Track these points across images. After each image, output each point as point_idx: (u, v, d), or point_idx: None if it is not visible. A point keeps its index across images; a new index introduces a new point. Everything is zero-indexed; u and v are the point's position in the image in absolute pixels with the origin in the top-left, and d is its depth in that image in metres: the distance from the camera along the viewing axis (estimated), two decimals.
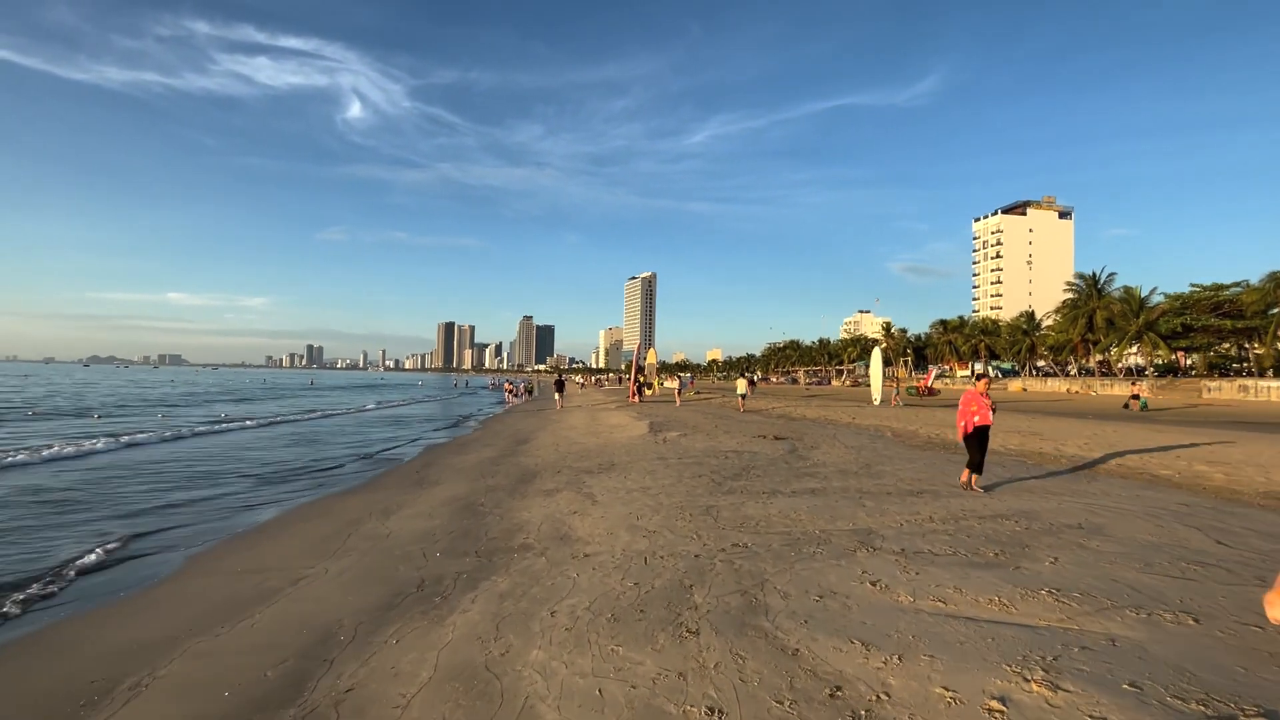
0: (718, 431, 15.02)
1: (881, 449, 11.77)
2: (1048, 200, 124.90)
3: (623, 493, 7.92)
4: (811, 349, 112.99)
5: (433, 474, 10.87)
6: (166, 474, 11.37)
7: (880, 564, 4.65)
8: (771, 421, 18.41)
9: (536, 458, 12.04)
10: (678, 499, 7.35)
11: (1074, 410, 25.36)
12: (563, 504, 7.49)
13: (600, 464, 10.56)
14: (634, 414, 21.17)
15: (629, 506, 7.08)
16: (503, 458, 12.42)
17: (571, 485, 8.71)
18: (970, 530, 5.60)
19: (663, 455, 11.18)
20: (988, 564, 4.60)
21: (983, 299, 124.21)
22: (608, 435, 15.25)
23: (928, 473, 8.92)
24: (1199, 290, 51.65)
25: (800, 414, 21.47)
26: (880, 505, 6.73)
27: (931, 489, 7.67)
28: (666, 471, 9.37)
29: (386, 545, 6.17)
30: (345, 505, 8.50)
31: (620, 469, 9.89)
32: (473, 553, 5.67)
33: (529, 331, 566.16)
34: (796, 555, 4.95)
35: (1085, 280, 58.44)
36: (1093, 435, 13.57)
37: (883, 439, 13.62)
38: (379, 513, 7.75)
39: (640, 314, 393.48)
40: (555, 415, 23.92)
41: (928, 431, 14.85)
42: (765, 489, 7.81)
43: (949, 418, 18.89)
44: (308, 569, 5.53)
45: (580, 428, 17.91)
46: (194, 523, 7.79)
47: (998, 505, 6.68)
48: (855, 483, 8.15)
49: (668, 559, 5.01)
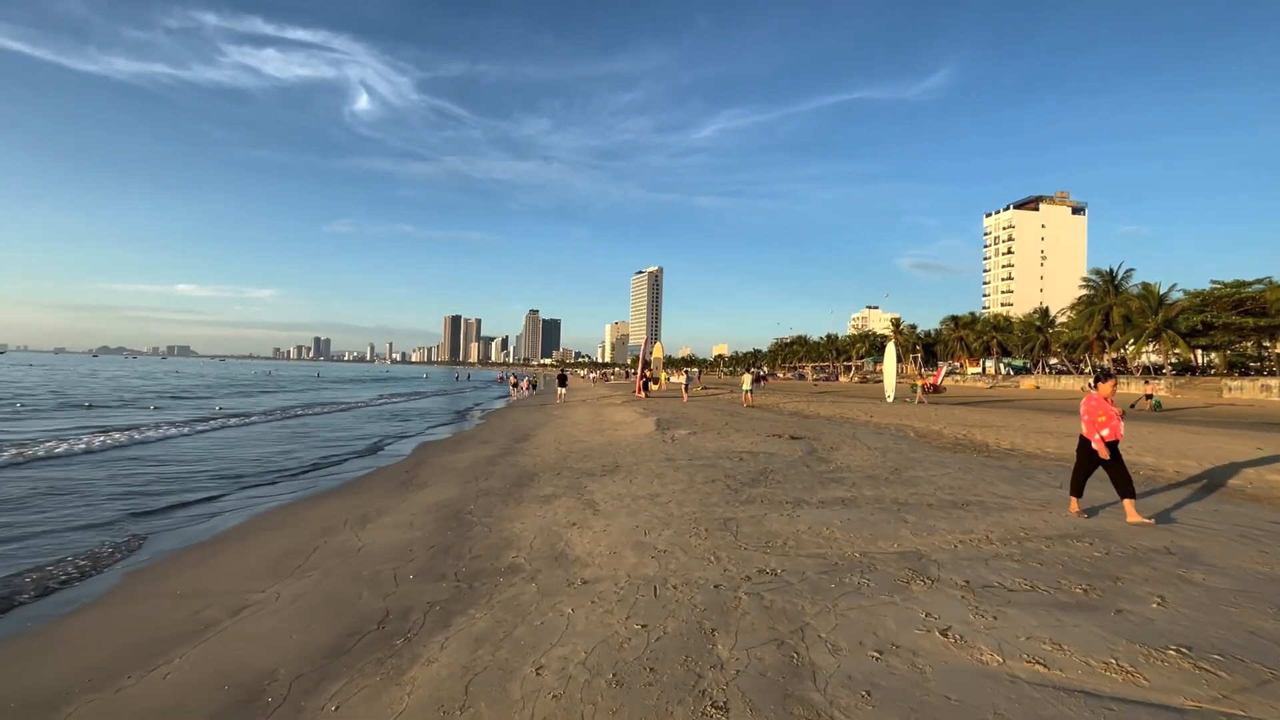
0: (729, 430, 14.14)
1: (908, 451, 10.87)
2: (1061, 196, 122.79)
3: (628, 500, 7.07)
4: (819, 345, 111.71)
5: (422, 475, 10.05)
6: (136, 475, 10.61)
7: (944, 602, 3.78)
8: (784, 419, 17.52)
9: (536, 457, 11.21)
10: (690, 509, 6.49)
11: None
12: (561, 513, 6.65)
13: (604, 465, 9.72)
14: (640, 410, 20.33)
15: (635, 518, 6.23)
16: (500, 457, 11.60)
17: (571, 490, 7.87)
18: (1040, 555, 4.72)
19: (671, 456, 10.32)
20: (1079, 604, 3.71)
21: (993, 295, 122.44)
22: (612, 433, 14.41)
23: (967, 480, 8.02)
24: (1220, 287, 50.25)
25: (814, 411, 20.56)
26: (924, 520, 5.85)
27: (977, 500, 6.77)
28: (676, 475, 8.51)
29: (354, 563, 5.34)
30: (321, 511, 7.69)
31: (625, 471, 9.05)
32: (452, 575, 4.84)
33: (535, 325, 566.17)
34: (838, 588, 4.09)
35: (1102, 276, 57.08)
36: (1134, 438, 12.60)
37: (906, 439, 12.71)
38: (355, 521, 6.93)
39: (647, 308, 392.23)
40: (558, 410, 23.11)
41: (953, 432, 13.92)
42: (788, 498, 6.95)
43: (971, 417, 17.94)
44: (256, 593, 4.72)
45: (584, 424, 17.08)
46: (149, 532, 7.00)
47: (1061, 522, 5.78)
48: (889, 491, 7.26)
49: (682, 589, 4.15)
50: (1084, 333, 57.19)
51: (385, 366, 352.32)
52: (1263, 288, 46.74)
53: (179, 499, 8.66)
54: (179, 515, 7.81)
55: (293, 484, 10.02)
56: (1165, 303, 50.90)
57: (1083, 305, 58.34)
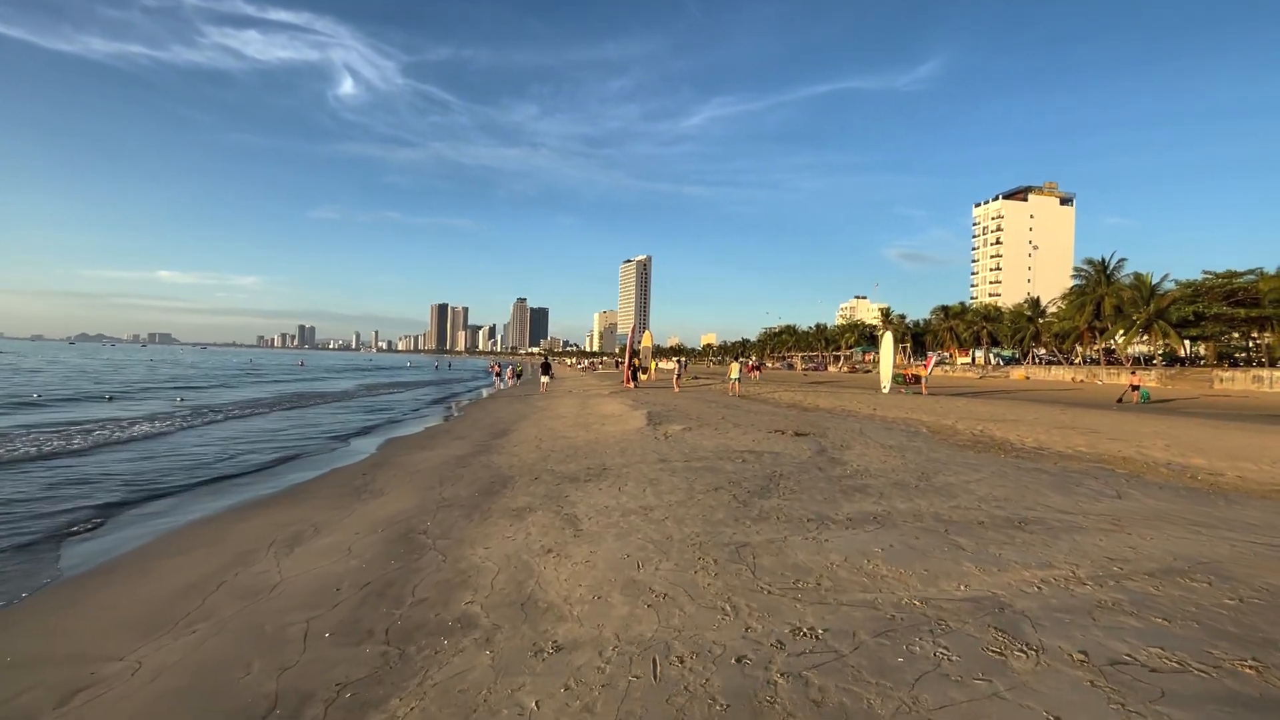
0: (726, 424, 13.01)
1: (927, 450, 9.80)
2: (1049, 186, 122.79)
3: (617, 515, 5.90)
4: (808, 334, 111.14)
5: (381, 479, 8.79)
6: (30, 481, 9.24)
7: (1068, 693, 2.64)
8: (783, 413, 16.43)
9: (513, 456, 9.99)
10: (693, 528, 5.33)
11: (1092, 401, 23.55)
12: (535, 533, 5.46)
13: (589, 468, 8.52)
14: (629, 402, 19.14)
15: (626, 541, 5.05)
16: (473, 456, 10.36)
17: (550, 501, 6.67)
18: (1156, 603, 3.60)
19: (665, 456, 9.16)
20: (1263, 697, 2.60)
21: (981, 285, 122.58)
22: (599, 428, 13.21)
23: (1009, 488, 6.94)
24: (1211, 277, 50.01)
25: (812, 403, 19.51)
26: (982, 546, 4.73)
27: (1034, 516, 5.68)
28: (673, 481, 7.35)
29: (261, 611, 4.11)
30: (248, 527, 6.43)
31: (614, 476, 7.86)
32: (381, 633, 3.62)
33: (523, 314, 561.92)
34: (909, 663, 2.94)
35: (1094, 266, 56.61)
36: (1164, 436, 11.66)
37: (920, 436, 11.67)
38: (284, 543, 5.68)
39: (635, 297, 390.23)
40: (542, 402, 21.85)
41: (968, 427, 12.90)
42: (808, 513, 5.80)
43: (979, 410, 16.99)
44: (111, 662, 3.47)
45: (569, 418, 15.86)
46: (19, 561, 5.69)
47: (1152, 548, 4.69)
48: (925, 504, 6.15)
49: (693, 666, 2.98)
50: (1075, 323, 56.91)
51: (369, 355, 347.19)
52: (1255, 278, 46.54)
53: (74, 516, 7.33)
54: (80, 541, 6.49)
55: (232, 489, 8.72)
56: (1157, 293, 50.58)
57: (1074, 295, 58.06)
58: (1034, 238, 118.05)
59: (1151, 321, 49.64)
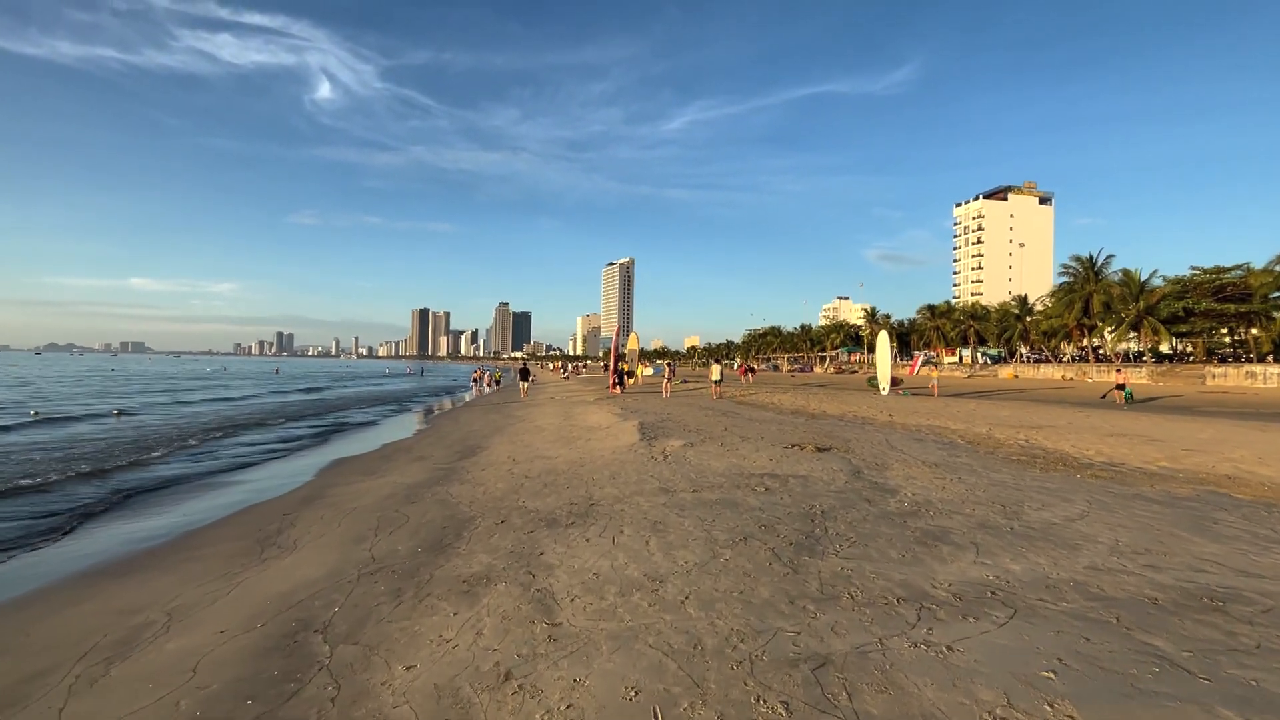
0: (732, 437, 11.19)
1: (982, 470, 8.08)
2: (1029, 186, 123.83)
3: (613, 594, 4.02)
4: (793, 335, 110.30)
5: (302, 523, 6.78)
6: None
7: None
8: (790, 421, 14.67)
9: (478, 486, 8.04)
10: (730, 620, 3.48)
11: (1096, 400, 22.27)
12: (489, 634, 3.55)
13: (572, 503, 6.63)
14: (617, 410, 17.25)
15: (629, 654, 3.18)
16: (429, 485, 8.38)
17: (517, 562, 4.76)
18: None
19: (669, 484, 7.30)
20: None
21: (963, 285, 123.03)
22: (585, 444, 11.30)
23: (1133, 530, 5.20)
24: (1199, 273, 49.74)
25: (818, 409, 17.81)
26: (1207, 660, 2.96)
27: (1215, 582, 3.91)
28: (684, 525, 5.49)
29: None
30: (65, 619, 4.41)
31: (604, 516, 5.98)
32: None
33: (505, 318, 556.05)
34: None
35: (1081, 263, 56.12)
36: (1236, 440, 10.12)
37: (960, 449, 9.97)
38: (104, 651, 3.70)
39: (618, 300, 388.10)
40: (521, 412, 19.85)
41: (1007, 436, 11.26)
42: (891, 583, 3.98)
43: (1001, 413, 15.41)
44: None
45: (550, 431, 13.92)
46: None
47: None
48: (1045, 562, 4.37)
49: None
50: (1064, 320, 56.41)
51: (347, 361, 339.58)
52: (1242, 274, 46.27)
53: None
54: None
55: (98, 531, 6.65)
56: (1146, 289, 50.16)
57: (1062, 292, 57.53)
58: (1015, 237, 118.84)
59: (1141, 318, 49.21)
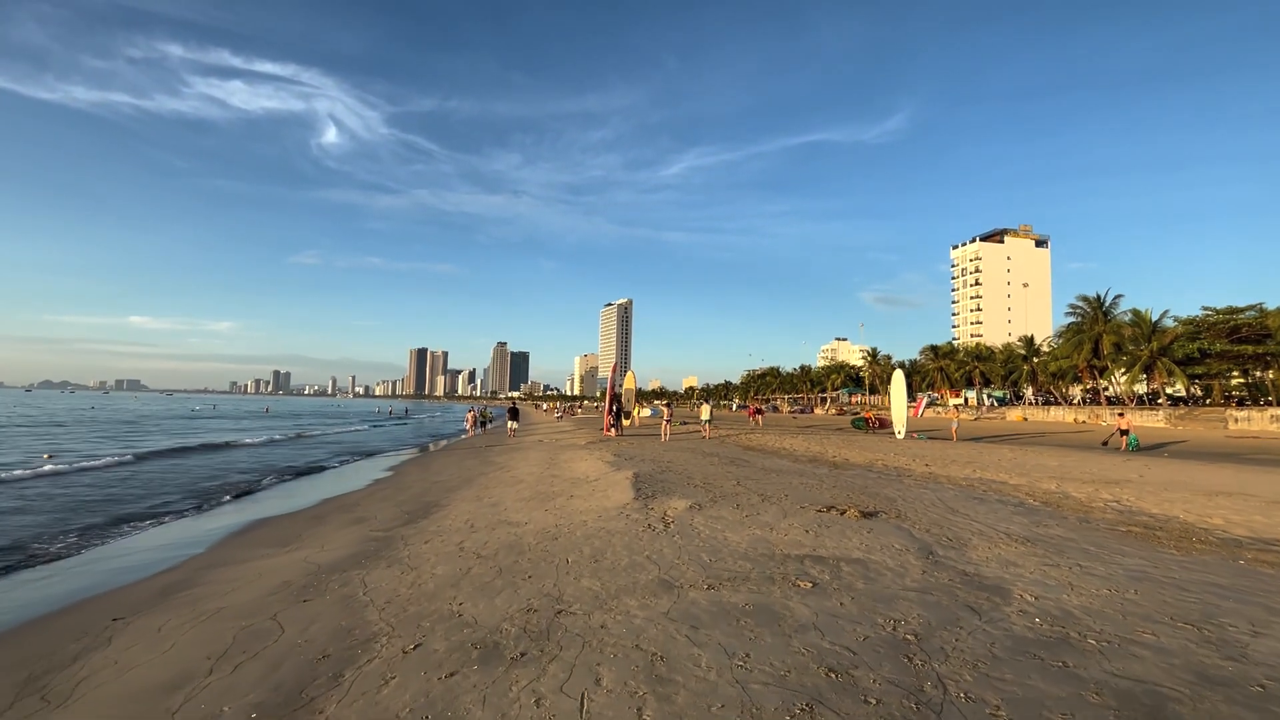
0: (748, 494, 9.00)
1: (1094, 547, 5.92)
2: (1024, 229, 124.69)
3: None
4: (792, 376, 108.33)
5: (119, 642, 4.55)
6: None
7: None
8: (811, 471, 12.46)
9: (407, 573, 5.82)
10: None
11: (1117, 445, 20.13)
12: None
13: (528, 615, 4.42)
14: (610, 457, 15.03)
15: None
16: (340, 571, 6.13)
17: None
18: None
19: (673, 574, 5.11)
20: None
21: (963, 326, 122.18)
22: (565, 504, 9.08)
23: None
24: (1212, 313, 48.38)
25: (838, 456, 15.61)
26: None
27: None
28: (700, 666, 3.32)
29: None
30: None
31: (574, 645, 3.80)
32: None
33: (503, 358, 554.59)
34: None
35: (1089, 302, 54.65)
36: None
37: (1036, 511, 7.80)
38: None
39: (616, 340, 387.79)
40: (501, 457, 17.59)
41: (1084, 494, 9.09)
42: None
43: (1046, 462, 13.23)
44: None
45: (528, 483, 11.69)
46: None
47: None
48: None
49: None
50: (1073, 361, 54.67)
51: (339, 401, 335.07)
52: (1256, 314, 44.91)
53: None
54: None
55: None
56: (1158, 330, 48.64)
57: (1070, 333, 55.91)
58: (1012, 279, 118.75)
59: (1155, 359, 47.50)
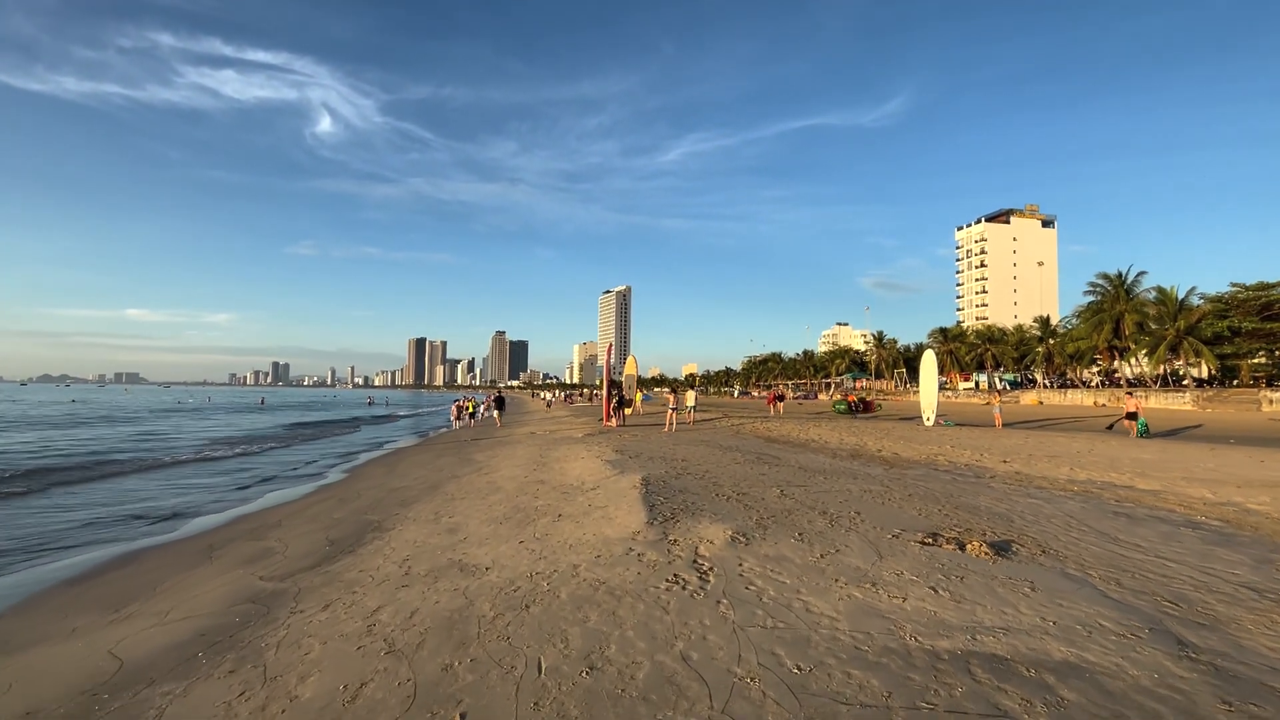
0: (807, 512, 6.53)
1: None
2: (1031, 208, 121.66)
3: None
4: (795, 361, 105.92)
5: None
6: None
7: None
8: (864, 472, 9.98)
9: (242, 706, 3.39)
10: None
11: (1159, 430, 17.73)
12: None
13: None
14: (610, 456, 12.53)
15: None
16: (143, 687, 3.69)
17: None
18: None
19: (735, 714, 2.67)
20: None
21: (968, 308, 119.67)
22: (547, 535, 6.58)
23: None
24: (1242, 290, 45.91)
25: (883, 449, 13.13)
26: None
27: None
28: None
29: None
30: None
31: None
32: None
33: (502, 347, 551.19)
34: None
35: (1110, 280, 51.82)
36: None
37: (1234, 540, 5.36)
38: None
39: (615, 328, 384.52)
40: (483, 454, 15.11)
41: (1263, 506, 6.67)
42: None
43: (1139, 454, 10.77)
44: None
45: (506, 492, 9.19)
46: None
47: None
48: None
49: None
50: (1092, 342, 52.18)
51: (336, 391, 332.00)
52: None
53: None
54: None
55: None
56: (1184, 308, 46.10)
57: (1089, 313, 53.28)
58: (1019, 259, 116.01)
59: (1181, 338, 45.00)
